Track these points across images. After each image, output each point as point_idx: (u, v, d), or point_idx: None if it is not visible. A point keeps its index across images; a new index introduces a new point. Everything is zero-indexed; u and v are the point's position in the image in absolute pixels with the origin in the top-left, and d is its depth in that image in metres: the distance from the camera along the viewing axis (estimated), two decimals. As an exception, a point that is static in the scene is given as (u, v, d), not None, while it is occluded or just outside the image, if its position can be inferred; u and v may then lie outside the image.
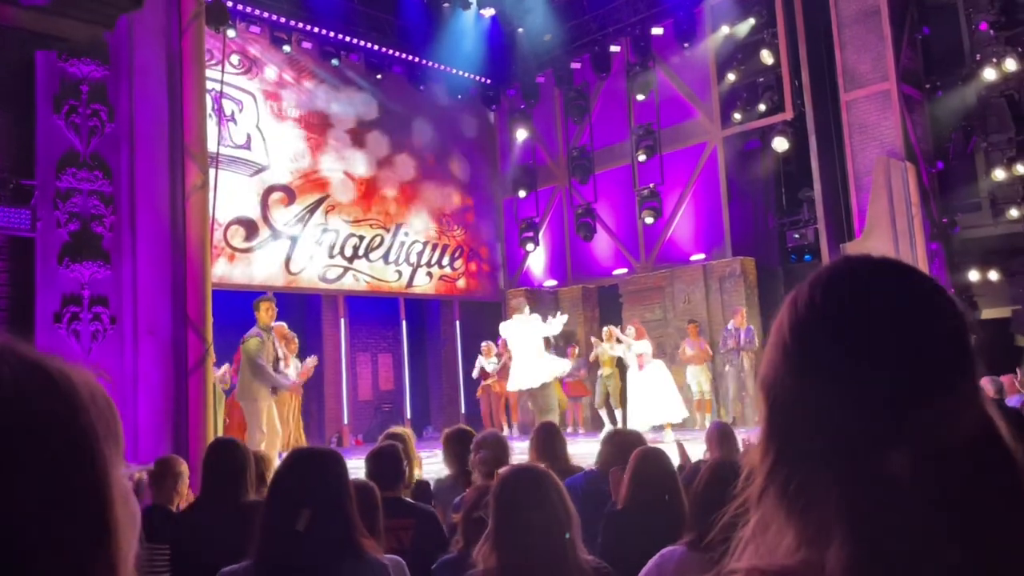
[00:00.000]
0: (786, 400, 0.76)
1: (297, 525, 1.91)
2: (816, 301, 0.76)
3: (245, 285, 12.27)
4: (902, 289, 0.76)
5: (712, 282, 13.08)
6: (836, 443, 0.72)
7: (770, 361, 0.79)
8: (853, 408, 0.72)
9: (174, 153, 6.02)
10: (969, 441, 0.72)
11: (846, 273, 0.78)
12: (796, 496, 0.73)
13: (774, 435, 0.77)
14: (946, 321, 0.75)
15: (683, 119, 14.00)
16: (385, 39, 14.46)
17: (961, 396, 0.73)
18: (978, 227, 12.09)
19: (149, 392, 5.74)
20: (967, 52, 11.93)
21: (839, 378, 0.73)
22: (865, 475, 0.71)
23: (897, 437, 0.70)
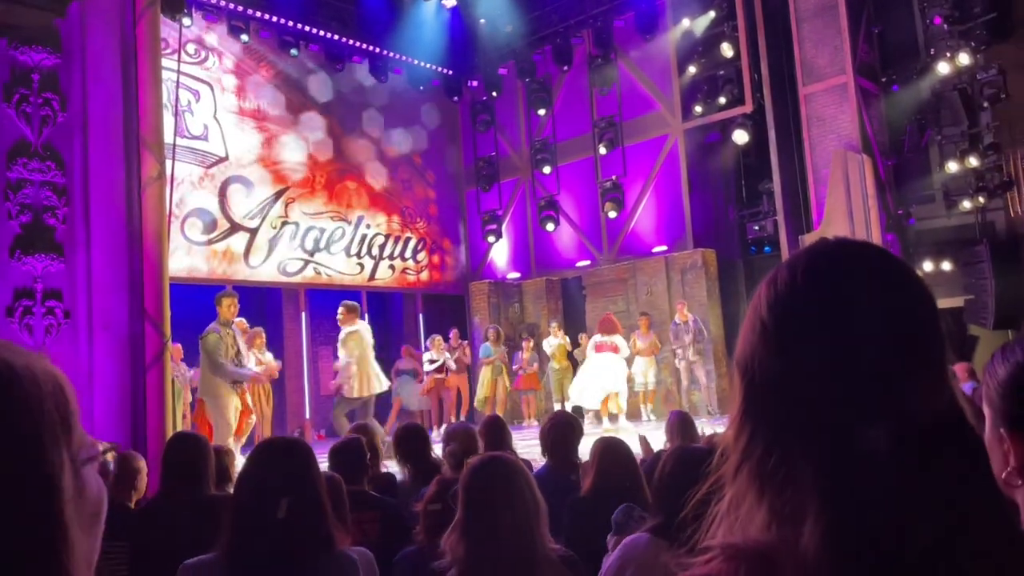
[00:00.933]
0: (763, 378, 0.77)
1: (278, 513, 1.89)
2: (797, 281, 0.78)
3: (204, 279, 12.08)
4: (880, 271, 0.78)
5: (674, 274, 13.20)
6: (814, 420, 0.73)
7: (747, 340, 0.80)
8: (832, 385, 0.73)
9: (129, 143, 5.89)
10: (939, 419, 0.74)
11: (826, 255, 0.79)
12: (772, 472, 0.74)
13: (750, 412, 0.78)
14: (921, 303, 0.77)
15: (645, 111, 14.08)
16: (345, 29, 14.29)
17: (934, 375, 0.75)
18: (932, 219, 12.35)
19: (105, 387, 5.62)
20: (921, 46, 12.16)
21: (818, 356, 0.74)
22: (842, 451, 0.72)
23: (874, 414, 0.72)
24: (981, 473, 0.74)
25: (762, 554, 0.73)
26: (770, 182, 12.49)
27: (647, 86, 14.10)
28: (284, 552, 1.93)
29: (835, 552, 0.70)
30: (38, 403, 0.70)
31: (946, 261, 11.83)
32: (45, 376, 0.73)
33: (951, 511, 0.71)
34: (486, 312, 15.20)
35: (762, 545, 0.73)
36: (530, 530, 2.14)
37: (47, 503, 0.69)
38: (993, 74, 10.93)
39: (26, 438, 0.68)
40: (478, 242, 16.01)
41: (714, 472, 0.81)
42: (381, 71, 14.85)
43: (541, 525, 2.19)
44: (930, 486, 0.71)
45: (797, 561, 0.71)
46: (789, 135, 12.29)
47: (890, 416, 0.72)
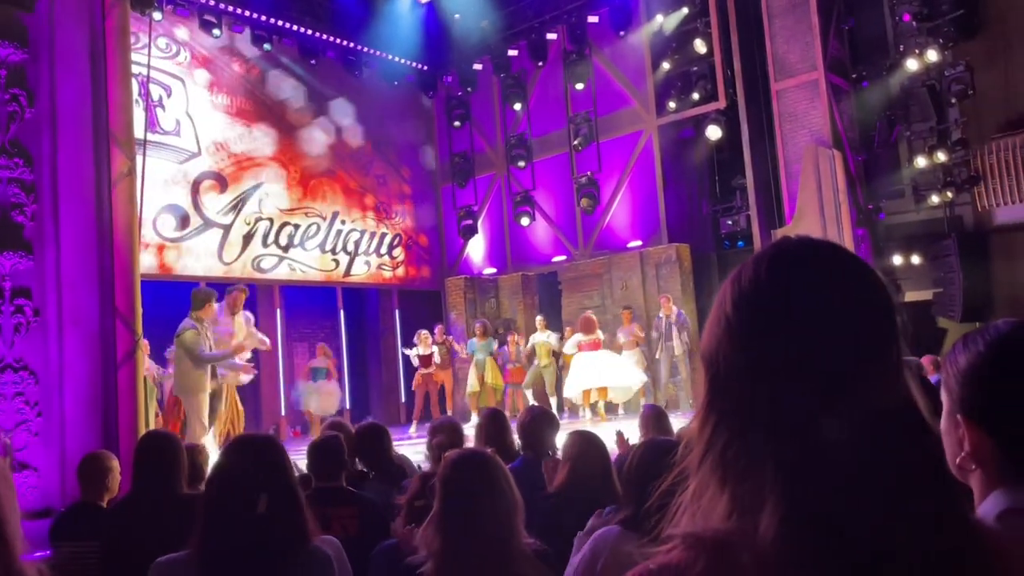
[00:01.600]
0: (727, 371, 0.80)
1: (258, 509, 1.89)
2: (761, 277, 0.80)
3: (177, 276, 11.98)
4: (839, 269, 0.81)
5: (648, 268, 13.28)
6: (774, 412, 0.76)
7: (712, 335, 0.82)
8: (791, 379, 0.75)
9: (99, 139, 5.82)
10: (895, 412, 0.77)
11: (789, 252, 0.82)
12: (733, 462, 0.77)
13: (714, 405, 0.80)
14: (879, 298, 0.80)
15: (619, 107, 14.13)
16: (319, 24, 14.20)
17: (892, 367, 0.78)
18: (901, 213, 12.54)
19: (76, 386, 5.56)
20: (891, 43, 12.32)
21: (779, 350, 0.76)
22: (799, 442, 0.74)
23: (831, 407, 0.74)
24: (933, 463, 0.77)
25: (721, 542, 0.75)
26: (743, 177, 12.60)
27: (621, 82, 14.15)
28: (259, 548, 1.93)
29: (790, 540, 0.72)
30: None
31: (915, 255, 12.01)
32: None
33: (904, 500, 0.73)
34: (462, 308, 15.20)
35: (722, 534, 0.75)
36: (507, 525, 2.16)
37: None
38: (960, 71, 11.10)
39: None
40: (454, 238, 16.00)
41: (679, 463, 0.84)
42: (355, 66, 14.78)
43: (517, 520, 2.21)
44: (883, 476, 0.74)
45: (755, 549, 0.73)
46: (761, 131, 12.41)
47: (846, 409, 0.74)
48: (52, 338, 5.58)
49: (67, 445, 5.44)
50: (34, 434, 5.39)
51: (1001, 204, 11.62)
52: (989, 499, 1.05)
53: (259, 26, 13.40)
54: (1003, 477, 1.05)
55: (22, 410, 5.34)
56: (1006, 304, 11.60)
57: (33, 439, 5.37)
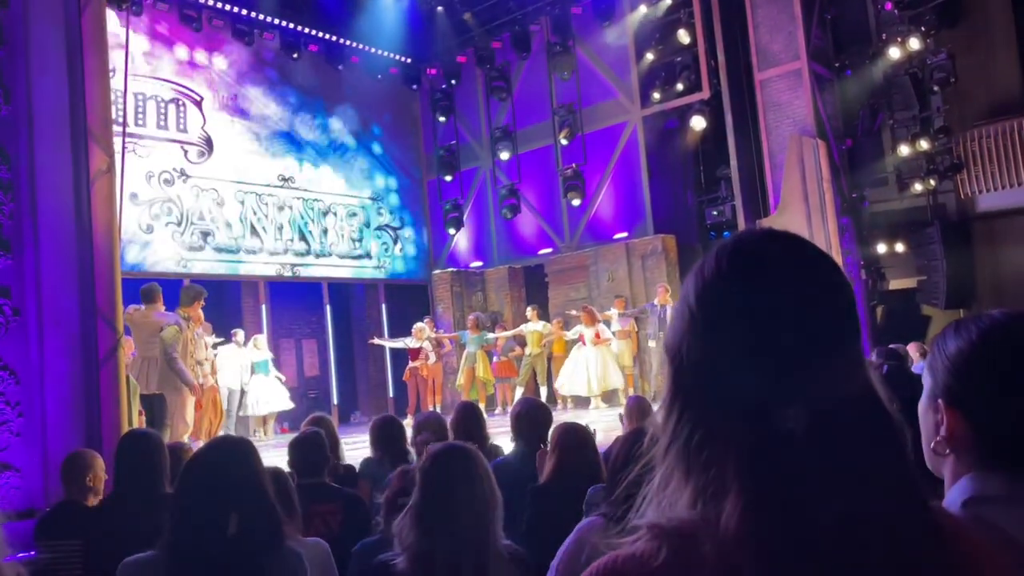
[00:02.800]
0: (689, 362, 0.80)
1: (229, 530, 1.86)
2: (723, 268, 0.81)
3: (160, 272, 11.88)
4: (799, 260, 0.81)
5: (635, 260, 13.29)
6: (735, 401, 0.76)
7: (675, 326, 0.83)
8: (750, 369, 0.76)
9: (76, 136, 5.75)
10: (854, 401, 0.77)
11: (750, 244, 0.83)
12: (696, 453, 0.77)
13: (677, 395, 0.81)
14: (838, 290, 0.81)
15: (603, 98, 14.11)
16: (301, 17, 14.10)
17: (850, 358, 0.79)
18: (885, 201, 12.59)
19: (57, 385, 5.51)
20: (873, 32, 12.35)
21: (739, 341, 0.77)
22: (761, 431, 0.75)
23: (789, 397, 0.75)
24: (893, 453, 0.78)
25: (685, 532, 0.75)
26: (727, 167, 12.61)
27: (605, 73, 14.13)
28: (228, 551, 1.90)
29: (751, 529, 0.72)
30: None
31: (899, 243, 12.07)
32: None
33: (863, 487, 0.74)
34: (449, 301, 15.18)
35: (685, 523, 0.76)
36: (485, 521, 2.14)
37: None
38: (942, 59, 11.15)
39: None
40: (440, 231, 15.96)
41: (646, 453, 0.84)
42: (338, 60, 14.69)
43: (496, 518, 2.19)
44: (842, 465, 0.74)
45: (717, 538, 0.73)
46: (746, 121, 12.42)
47: (805, 399, 0.75)
48: (33, 337, 5.52)
49: (49, 445, 5.39)
50: (15, 434, 5.33)
51: (984, 191, 11.69)
52: (957, 485, 1.06)
53: (240, 20, 13.29)
54: (974, 463, 1.05)
55: (3, 410, 5.28)
56: (989, 291, 11.68)
57: (15, 439, 5.32)
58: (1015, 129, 11.41)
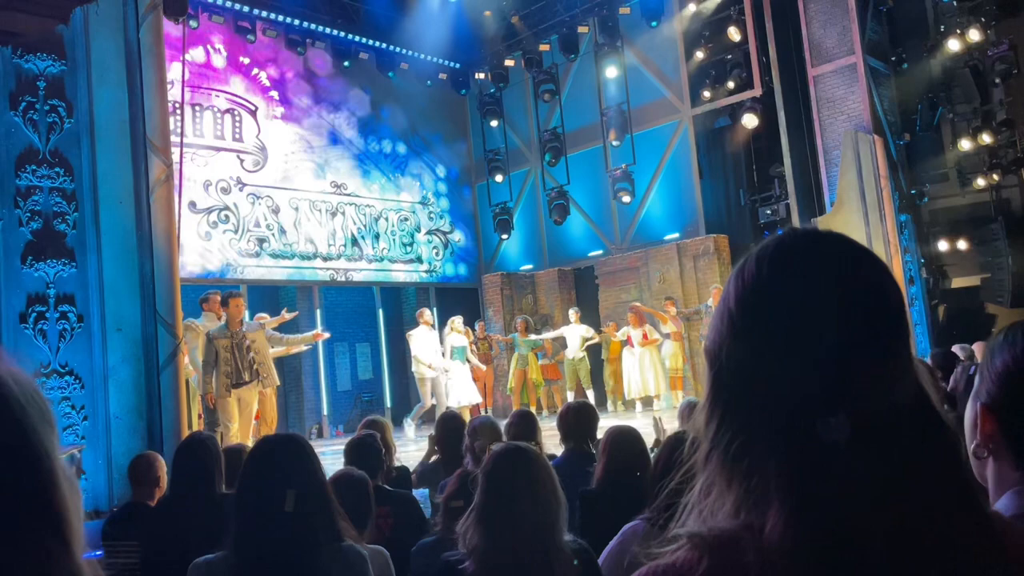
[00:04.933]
0: (730, 367, 0.78)
1: (286, 507, 1.89)
2: (763, 272, 0.79)
3: (216, 280, 12.16)
4: (844, 261, 0.78)
5: (686, 260, 13.15)
6: (777, 408, 0.74)
7: (716, 330, 0.81)
8: (793, 376, 0.74)
9: (136, 147, 5.94)
10: (903, 408, 0.74)
11: (791, 245, 0.81)
12: (737, 460, 0.75)
13: (718, 401, 0.79)
14: (884, 292, 0.78)
15: (653, 98, 14.00)
16: (352, 26, 14.30)
17: (897, 364, 0.76)
18: (946, 197, 12.24)
19: (120, 390, 5.68)
20: (931, 23, 12.03)
21: (781, 346, 0.75)
22: (804, 440, 0.72)
23: (836, 402, 0.72)
24: (945, 459, 0.75)
25: (726, 542, 0.73)
26: (781, 166, 12.40)
27: (655, 73, 14.03)
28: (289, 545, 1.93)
29: (795, 541, 0.70)
30: (28, 399, 0.75)
31: (961, 240, 11.73)
32: (26, 379, 0.77)
33: (911, 498, 0.71)
34: (499, 304, 15.22)
35: (727, 533, 0.74)
36: (549, 522, 2.14)
37: (49, 490, 0.74)
38: (1004, 50, 10.81)
39: (25, 429, 0.73)
40: (490, 234, 16.01)
41: (687, 460, 0.82)
42: (388, 66, 14.86)
43: (559, 516, 2.19)
44: (890, 474, 0.71)
45: (760, 549, 0.71)
46: (799, 117, 12.19)
47: (850, 405, 0.72)
48: (96, 343, 5.71)
49: (113, 448, 5.55)
50: (80, 438, 5.51)
51: (1050, 185, 11.29)
52: (1004, 500, 1.02)
53: (292, 30, 13.54)
54: (1016, 479, 1.02)
55: (69, 414, 5.46)
56: (1058, 288, 11.27)
57: (79, 442, 5.49)
58: (1083, 120, 11.00)
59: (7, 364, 0.77)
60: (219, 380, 7.43)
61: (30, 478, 0.72)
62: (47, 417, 0.77)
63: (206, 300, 8.51)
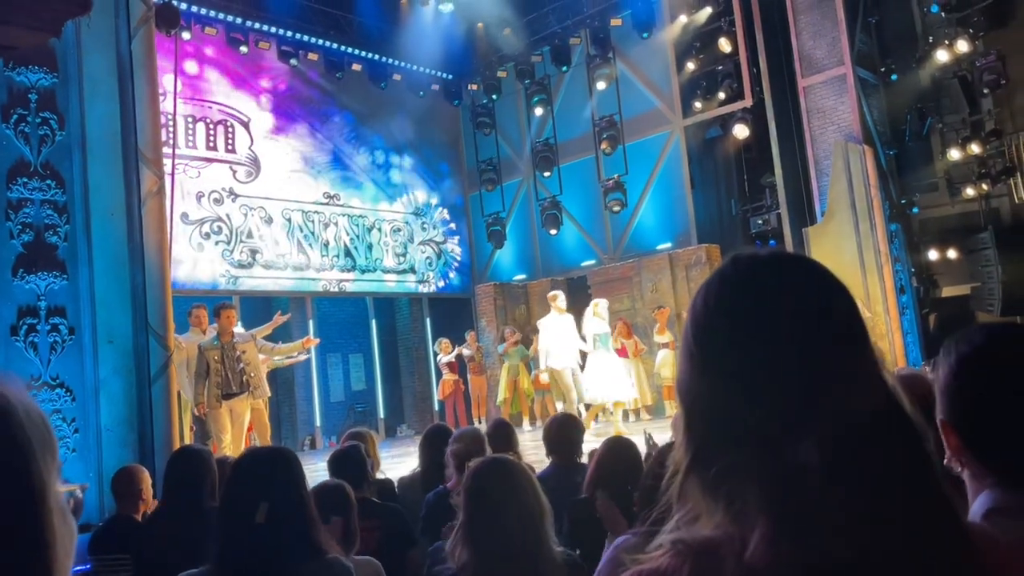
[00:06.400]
0: (697, 402, 0.79)
1: (256, 518, 1.88)
2: (709, 304, 0.79)
3: (207, 291, 12.14)
4: (787, 282, 0.78)
5: (678, 270, 13.18)
6: (745, 438, 0.74)
7: (680, 364, 0.82)
8: (754, 403, 0.74)
9: (128, 159, 5.94)
10: (874, 418, 0.74)
11: (735, 274, 0.80)
12: (716, 490, 0.76)
13: (692, 434, 0.79)
14: (834, 306, 0.77)
15: (645, 109, 14.07)
16: (344, 37, 14.35)
17: (859, 377, 0.75)
18: (936, 207, 12.31)
19: (111, 402, 5.67)
20: (919, 35, 12.12)
21: (736, 376, 0.75)
22: (777, 466, 0.73)
23: (801, 426, 0.72)
24: (918, 469, 0.75)
25: (708, 550, 0.74)
26: (772, 176, 12.46)
27: (646, 84, 14.10)
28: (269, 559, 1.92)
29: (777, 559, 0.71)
30: (32, 427, 0.75)
31: (951, 249, 11.79)
32: (35, 408, 0.79)
33: (887, 513, 0.71)
34: (492, 314, 15.21)
35: (709, 541, 0.75)
36: (534, 531, 2.14)
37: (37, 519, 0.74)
38: (992, 60, 10.89)
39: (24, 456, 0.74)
40: (483, 244, 16.03)
41: (666, 490, 0.82)
42: (380, 78, 14.90)
43: (545, 526, 2.19)
44: (864, 491, 0.72)
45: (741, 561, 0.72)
46: (790, 128, 12.26)
47: (816, 424, 0.72)
48: (87, 355, 5.70)
49: (104, 461, 5.54)
50: (71, 450, 5.49)
51: (1039, 194, 11.37)
52: (980, 498, 1.04)
53: (285, 42, 13.57)
54: (985, 481, 1.04)
55: (60, 427, 5.45)
56: (1047, 296, 11.33)
57: (70, 455, 5.48)
58: (1071, 130, 11.09)
59: (18, 389, 0.77)
60: (210, 391, 7.42)
61: (20, 508, 0.72)
62: (50, 447, 0.77)
63: (191, 313, 8.50)
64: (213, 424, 7.41)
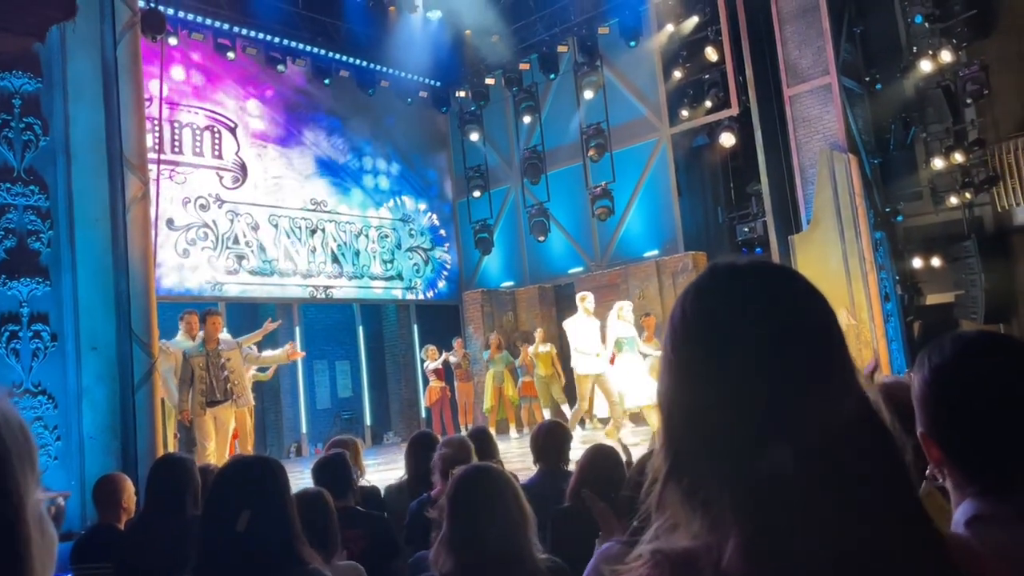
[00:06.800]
0: (674, 409, 0.79)
1: (237, 526, 1.86)
2: (686, 313, 0.80)
3: (194, 298, 12.08)
4: (763, 290, 0.79)
5: (665, 277, 13.21)
6: (723, 447, 0.75)
7: (660, 374, 0.82)
8: (729, 411, 0.74)
9: (113, 164, 5.91)
10: (848, 427, 0.74)
11: (708, 286, 0.81)
12: (692, 498, 0.76)
13: (670, 442, 0.80)
14: (808, 315, 0.78)
15: (632, 117, 14.12)
16: (332, 44, 14.34)
17: (834, 385, 0.75)
18: (920, 215, 12.41)
19: (94, 409, 5.62)
20: (904, 45, 12.22)
21: (711, 384, 0.76)
22: (750, 474, 0.73)
23: (774, 434, 0.73)
24: (891, 476, 0.75)
25: (686, 560, 0.75)
26: (758, 184, 12.52)
27: (633, 92, 14.15)
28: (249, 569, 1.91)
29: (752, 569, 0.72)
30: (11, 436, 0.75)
31: (935, 257, 11.88)
32: (14, 416, 0.78)
33: (860, 520, 0.72)
34: (480, 321, 15.21)
35: (688, 552, 0.76)
36: (516, 540, 2.13)
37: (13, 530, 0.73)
38: (975, 70, 10.99)
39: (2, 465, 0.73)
40: (471, 251, 16.03)
41: (644, 500, 0.83)
42: (368, 84, 14.89)
43: (528, 534, 2.18)
44: (837, 497, 0.72)
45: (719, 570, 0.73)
46: (775, 136, 12.33)
47: (788, 436, 0.73)
48: (70, 363, 5.65)
49: (86, 469, 5.49)
50: (53, 458, 5.45)
51: (1021, 204, 11.47)
52: (962, 506, 1.05)
53: (273, 48, 13.55)
54: (967, 490, 1.05)
55: (41, 434, 5.40)
56: (1030, 304, 11.43)
57: (52, 463, 5.43)
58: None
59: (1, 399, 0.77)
60: (195, 399, 7.38)
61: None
62: (29, 456, 0.77)
63: (183, 318, 8.47)
64: (197, 432, 7.37)
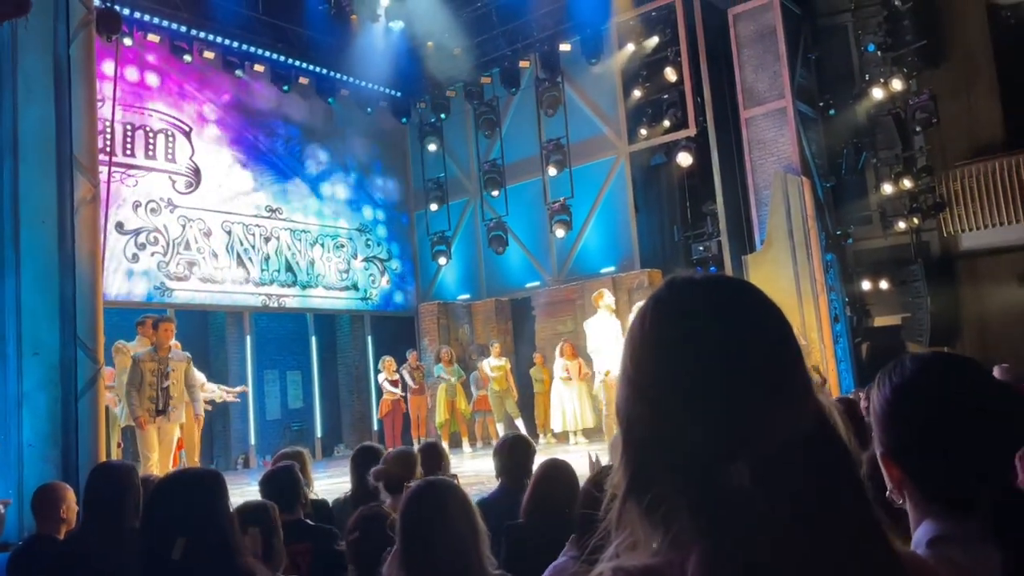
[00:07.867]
0: (632, 424, 0.79)
1: (173, 555, 1.81)
2: (645, 330, 0.79)
3: (142, 304, 11.82)
4: (720, 304, 0.79)
5: (621, 294, 13.27)
6: (681, 461, 0.74)
7: (619, 388, 0.82)
8: (686, 427, 0.74)
9: (62, 165, 5.75)
10: (806, 442, 0.75)
11: (667, 297, 0.81)
12: (652, 514, 0.76)
13: (629, 458, 0.79)
14: (767, 328, 0.78)
15: (591, 134, 14.23)
16: (292, 50, 14.21)
17: (792, 398, 0.76)
18: (869, 239, 12.71)
19: (34, 416, 5.44)
20: (857, 72, 12.56)
21: (669, 399, 0.75)
22: (709, 489, 0.73)
23: (733, 450, 0.73)
24: (850, 488, 0.76)
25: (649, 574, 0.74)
26: (713, 203, 12.70)
27: (593, 109, 14.27)
28: None
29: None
30: None
31: (884, 280, 12.16)
32: None
33: (816, 534, 0.72)
34: (435, 333, 15.13)
35: (649, 568, 0.75)
36: (467, 555, 2.11)
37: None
38: (924, 99, 11.33)
39: None
40: (428, 263, 15.96)
41: (604, 514, 0.83)
42: (328, 92, 14.79)
43: (480, 549, 2.16)
44: (794, 511, 0.72)
45: None
46: (731, 157, 12.54)
47: (745, 450, 0.73)
48: (11, 367, 5.47)
49: (25, 478, 5.31)
50: (-11, 466, 5.26)
51: (967, 230, 11.82)
52: (922, 526, 1.05)
53: (231, 52, 13.37)
54: (927, 510, 1.05)
55: (-23, 441, 5.21)
56: (973, 328, 11.76)
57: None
58: (997, 169, 11.57)
59: None
60: (143, 404, 7.20)
61: None
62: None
63: (142, 323, 8.27)
64: (141, 443, 7.17)
